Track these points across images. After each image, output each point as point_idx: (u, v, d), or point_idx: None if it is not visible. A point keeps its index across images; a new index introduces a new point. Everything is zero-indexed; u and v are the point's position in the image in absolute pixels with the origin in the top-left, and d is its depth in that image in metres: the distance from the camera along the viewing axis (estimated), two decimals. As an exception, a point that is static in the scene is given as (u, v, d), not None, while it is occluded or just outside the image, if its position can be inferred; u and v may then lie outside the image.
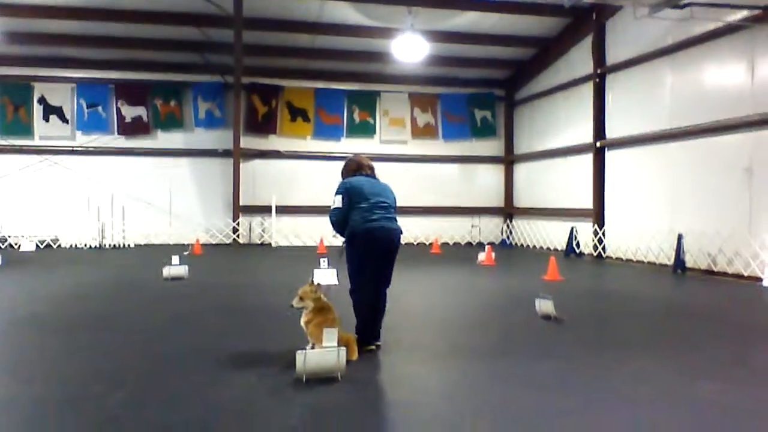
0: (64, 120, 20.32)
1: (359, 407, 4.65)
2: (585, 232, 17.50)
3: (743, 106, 12.38)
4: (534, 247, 20.41)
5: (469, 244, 21.79)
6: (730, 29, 12.54)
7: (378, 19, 18.27)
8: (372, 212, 5.84)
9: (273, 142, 21.41)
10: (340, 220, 5.94)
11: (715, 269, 13.02)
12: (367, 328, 6.05)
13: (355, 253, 5.94)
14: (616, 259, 16.26)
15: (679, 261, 13.46)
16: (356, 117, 21.89)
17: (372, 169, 6.26)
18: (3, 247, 18.47)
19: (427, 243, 20.86)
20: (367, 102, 22.00)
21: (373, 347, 6.08)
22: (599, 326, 7.84)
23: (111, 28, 18.30)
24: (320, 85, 21.59)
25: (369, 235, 5.81)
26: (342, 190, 5.94)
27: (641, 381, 5.24)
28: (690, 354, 6.27)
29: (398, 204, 6.28)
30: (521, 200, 22.22)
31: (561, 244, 18.37)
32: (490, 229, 22.52)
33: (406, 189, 21.15)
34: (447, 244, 21.45)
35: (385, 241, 5.91)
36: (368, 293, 6.00)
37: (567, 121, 19.20)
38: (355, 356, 5.62)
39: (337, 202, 5.91)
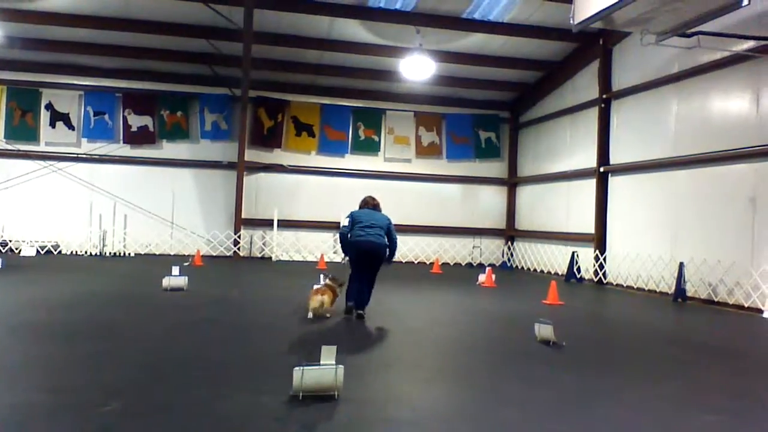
0: (71, 127, 20.38)
1: (355, 427, 4.60)
2: (586, 257, 17.45)
3: (748, 136, 12.39)
4: (534, 270, 20.34)
5: (470, 264, 21.72)
6: (737, 59, 12.59)
7: (386, 38, 18.39)
8: (363, 230, 8.91)
9: (277, 156, 21.45)
10: (346, 233, 9.06)
11: (715, 299, 12.95)
12: (352, 299, 9.21)
13: (349, 258, 9.19)
14: (617, 285, 16.19)
15: (680, 290, 13.39)
16: (361, 134, 21.95)
17: (375, 204, 9.41)
18: (4, 251, 18.46)
19: (428, 262, 20.81)
20: (373, 119, 22.07)
21: (356, 311, 9.08)
22: (598, 353, 7.80)
23: (120, 37, 18.43)
24: (327, 101, 21.67)
25: (354, 246, 8.96)
26: (349, 216, 9.21)
27: (641, 410, 5.19)
28: (689, 384, 6.23)
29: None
30: (523, 223, 22.20)
31: (562, 268, 18.30)
32: (491, 250, 22.48)
33: (409, 207, 21.25)
34: (447, 264, 21.37)
35: (366, 250, 8.92)
36: (354, 285, 9.19)
37: (571, 146, 19.23)
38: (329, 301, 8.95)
39: (347, 223, 9.15)
